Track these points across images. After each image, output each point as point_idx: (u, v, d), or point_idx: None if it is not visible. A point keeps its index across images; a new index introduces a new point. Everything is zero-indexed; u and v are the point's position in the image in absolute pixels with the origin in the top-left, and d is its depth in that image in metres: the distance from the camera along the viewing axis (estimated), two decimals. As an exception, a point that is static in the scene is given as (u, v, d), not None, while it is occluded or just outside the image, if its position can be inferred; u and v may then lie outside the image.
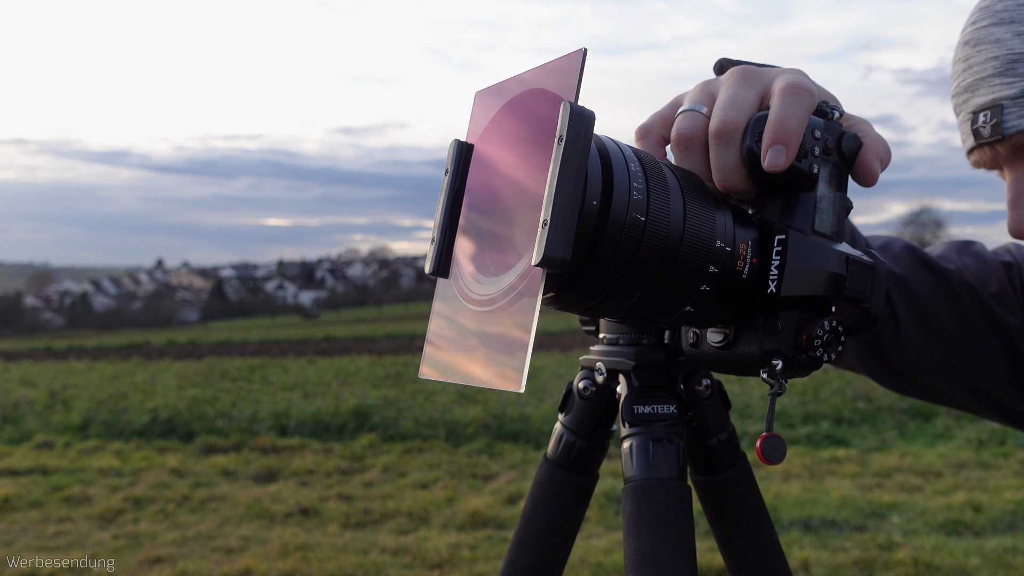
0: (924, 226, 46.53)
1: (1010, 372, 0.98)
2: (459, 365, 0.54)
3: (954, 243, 1.05)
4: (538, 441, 7.09)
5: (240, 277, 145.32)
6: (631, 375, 0.70)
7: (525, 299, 0.48)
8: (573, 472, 0.77)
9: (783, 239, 0.58)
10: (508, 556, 0.78)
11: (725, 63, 0.68)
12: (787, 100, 0.58)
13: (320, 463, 6.72)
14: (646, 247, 0.52)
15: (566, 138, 0.46)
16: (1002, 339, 0.98)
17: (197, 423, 8.39)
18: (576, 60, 0.49)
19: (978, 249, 1.03)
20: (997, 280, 0.98)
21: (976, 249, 1.03)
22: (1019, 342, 0.97)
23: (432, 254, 0.58)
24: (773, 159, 0.57)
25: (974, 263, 1.00)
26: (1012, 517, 4.69)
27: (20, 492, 5.97)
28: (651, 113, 0.66)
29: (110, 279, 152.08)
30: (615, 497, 4.99)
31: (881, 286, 0.62)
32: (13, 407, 10.05)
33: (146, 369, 16.38)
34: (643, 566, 0.63)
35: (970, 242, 1.05)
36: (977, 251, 1.03)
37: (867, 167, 0.62)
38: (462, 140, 0.59)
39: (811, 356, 0.58)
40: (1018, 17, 0.81)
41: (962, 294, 0.98)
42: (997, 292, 0.98)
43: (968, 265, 1.00)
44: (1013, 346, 0.98)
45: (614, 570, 4.00)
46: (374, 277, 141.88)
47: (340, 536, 4.80)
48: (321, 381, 12.17)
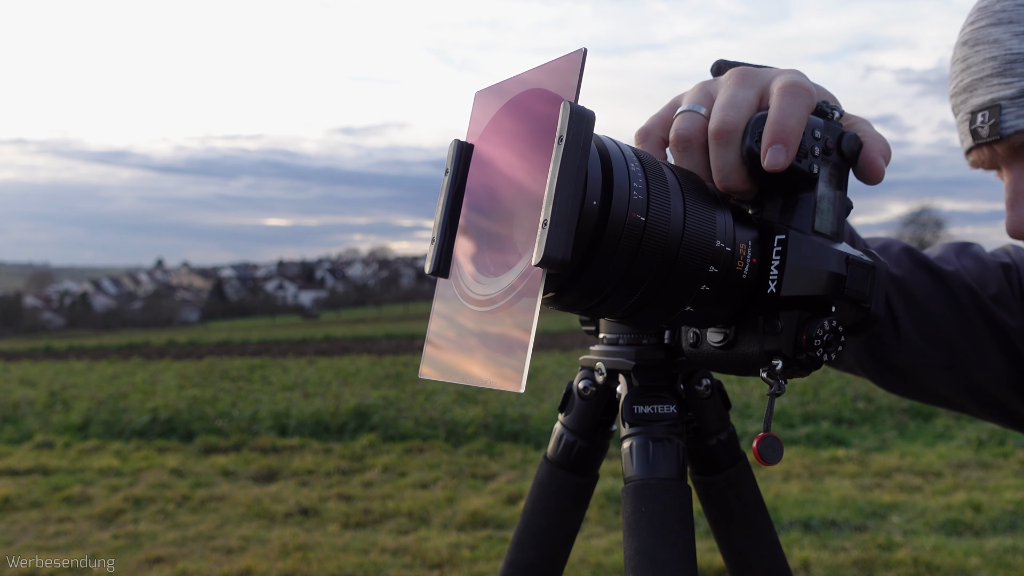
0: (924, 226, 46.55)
1: (1010, 374, 0.98)
2: (459, 365, 0.54)
3: (952, 245, 1.05)
4: (538, 441, 7.09)
5: (240, 277, 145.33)
6: (631, 375, 0.70)
7: (525, 299, 0.48)
8: (573, 472, 0.77)
9: (783, 239, 0.58)
10: (508, 556, 0.78)
11: (723, 64, 0.68)
12: (786, 99, 0.58)
13: (320, 463, 6.72)
14: (646, 247, 0.52)
15: (566, 138, 0.46)
16: (1001, 341, 0.98)
17: (197, 423, 8.39)
18: (576, 60, 0.49)
19: (976, 251, 1.03)
20: (995, 282, 0.98)
21: (974, 251, 1.03)
22: (1018, 344, 0.97)
23: (432, 254, 0.58)
24: (773, 158, 0.57)
25: (973, 265, 1.01)
26: (1012, 517, 4.69)
27: (20, 492, 5.97)
28: (650, 115, 0.66)
29: (110, 279, 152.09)
30: (615, 497, 4.99)
31: (881, 286, 0.62)
32: (13, 407, 10.04)
33: (146, 369, 16.38)
34: (643, 566, 0.63)
35: (968, 244, 1.05)
36: (975, 253, 1.03)
37: (872, 164, 0.62)
38: (462, 140, 0.59)
39: (811, 356, 0.58)
40: (1016, 17, 0.81)
41: (961, 295, 0.98)
42: (996, 294, 0.98)
43: (967, 266, 1.00)
44: (1012, 348, 0.98)
45: (614, 570, 4.00)
46: (374, 277, 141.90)
47: (340, 536, 4.80)
48: (321, 381, 12.17)
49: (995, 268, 1.00)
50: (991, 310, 0.97)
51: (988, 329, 0.97)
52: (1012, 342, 0.97)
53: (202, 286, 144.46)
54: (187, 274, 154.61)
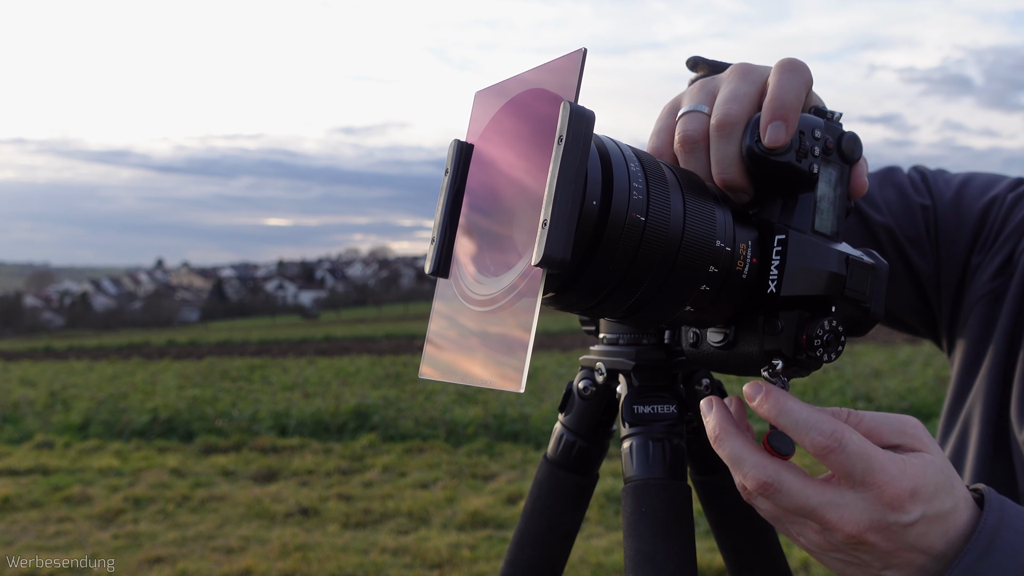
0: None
1: (916, 306, 1.05)
2: (459, 365, 0.54)
3: (878, 173, 1.07)
4: (538, 441, 7.09)
5: (240, 277, 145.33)
6: (631, 375, 0.70)
7: (525, 299, 0.48)
8: (573, 472, 0.77)
9: (783, 239, 0.58)
10: (508, 556, 0.78)
11: (698, 60, 0.69)
12: (783, 76, 0.59)
13: (320, 463, 6.72)
14: (646, 247, 0.52)
15: (566, 138, 0.46)
16: (913, 280, 1.04)
17: (197, 423, 8.39)
18: (576, 60, 0.49)
19: (899, 180, 1.06)
20: (914, 224, 1.03)
21: (898, 180, 1.06)
22: (925, 283, 1.03)
23: (432, 254, 0.58)
24: (773, 135, 0.57)
25: (895, 199, 1.04)
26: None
27: (20, 492, 5.97)
28: (653, 130, 0.66)
29: (110, 279, 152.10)
30: (615, 497, 4.99)
31: (881, 286, 0.62)
32: (13, 407, 10.04)
33: (146, 369, 16.38)
34: (643, 566, 0.63)
35: (892, 169, 1.09)
36: (899, 183, 1.06)
37: (858, 178, 0.63)
38: (462, 140, 0.59)
39: (811, 356, 0.58)
40: None
41: (882, 238, 1.01)
42: (913, 236, 1.03)
43: (889, 201, 1.04)
44: (921, 287, 1.04)
45: (614, 570, 4.00)
46: (374, 277, 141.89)
47: (340, 536, 4.80)
48: (321, 381, 12.17)
49: (917, 208, 1.03)
50: (907, 252, 1.02)
51: (904, 269, 1.03)
52: (921, 281, 1.04)
53: (202, 286, 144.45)
54: (187, 274, 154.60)
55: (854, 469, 0.56)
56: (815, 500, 0.56)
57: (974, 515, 0.59)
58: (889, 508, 0.55)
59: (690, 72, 0.73)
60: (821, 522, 0.57)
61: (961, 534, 0.58)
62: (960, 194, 1.04)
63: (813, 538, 0.59)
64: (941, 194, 1.05)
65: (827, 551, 0.59)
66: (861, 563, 0.58)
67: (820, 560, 0.61)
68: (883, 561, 0.57)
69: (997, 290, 1.00)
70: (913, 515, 0.56)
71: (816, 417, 0.56)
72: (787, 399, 0.57)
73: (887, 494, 0.55)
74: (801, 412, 0.57)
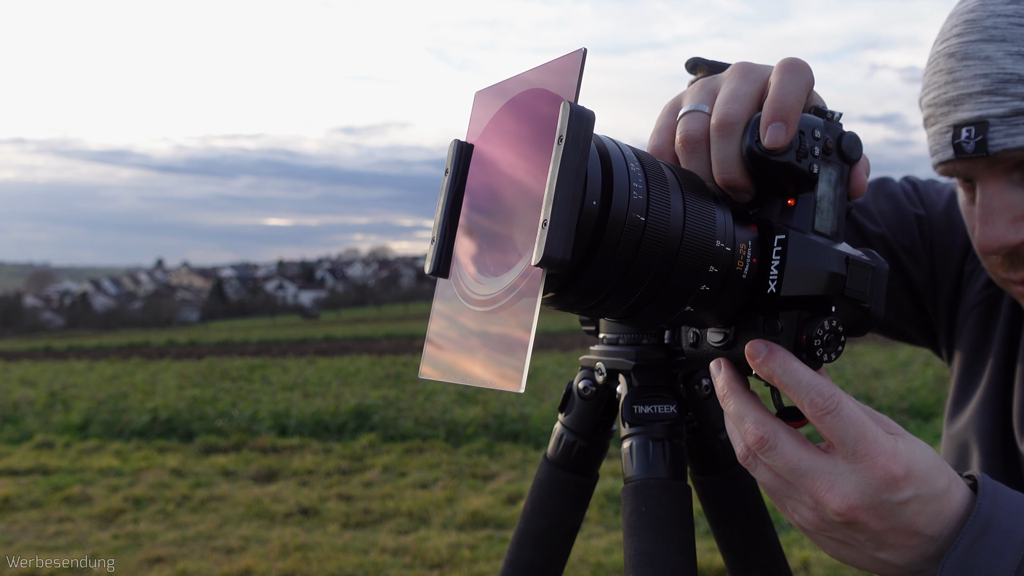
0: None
1: (912, 314, 1.08)
2: (460, 365, 0.54)
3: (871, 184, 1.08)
4: (538, 441, 7.09)
5: (240, 277, 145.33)
6: (631, 375, 0.70)
7: (525, 299, 0.48)
8: (573, 472, 0.77)
9: (783, 239, 0.58)
10: (508, 556, 0.78)
11: (698, 62, 0.69)
12: (784, 76, 0.59)
13: (320, 463, 6.72)
14: (646, 247, 0.52)
15: (566, 138, 0.46)
16: (908, 288, 1.06)
17: (197, 423, 8.39)
18: (576, 60, 0.49)
19: (892, 191, 1.08)
20: (909, 233, 1.05)
21: (891, 190, 1.08)
22: (921, 292, 1.05)
23: (432, 254, 0.58)
24: (773, 136, 0.57)
25: (889, 209, 1.06)
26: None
27: (20, 492, 5.97)
28: (653, 130, 0.66)
29: (110, 279, 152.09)
30: (615, 497, 4.99)
31: (881, 286, 0.62)
32: (13, 407, 10.04)
33: (146, 369, 16.38)
34: (643, 566, 0.63)
35: (884, 180, 1.10)
36: (892, 193, 1.07)
37: (858, 178, 0.63)
38: (462, 140, 0.59)
39: (811, 356, 0.58)
40: (1009, 36, 0.81)
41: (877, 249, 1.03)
42: (908, 245, 1.05)
43: (883, 211, 1.05)
44: (916, 295, 1.06)
45: (614, 570, 4.00)
46: (374, 277, 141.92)
47: (340, 536, 4.80)
48: (321, 381, 12.17)
49: (911, 218, 1.05)
50: (903, 262, 1.04)
51: (898, 278, 1.05)
52: (917, 291, 1.06)
53: (202, 286, 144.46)
54: (187, 274, 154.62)
55: (847, 434, 0.56)
56: (807, 464, 0.57)
57: (967, 498, 0.59)
58: (882, 485, 0.55)
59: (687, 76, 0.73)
60: (812, 492, 0.57)
61: (955, 516, 0.58)
62: (952, 203, 1.06)
63: (807, 515, 0.58)
64: (933, 204, 1.06)
65: (821, 530, 0.59)
66: (855, 543, 0.58)
67: (815, 541, 0.60)
68: (876, 542, 0.57)
69: (991, 298, 1.01)
70: (906, 494, 0.56)
71: (818, 380, 0.57)
72: (791, 359, 0.57)
73: (880, 470, 0.55)
74: (804, 373, 0.57)
